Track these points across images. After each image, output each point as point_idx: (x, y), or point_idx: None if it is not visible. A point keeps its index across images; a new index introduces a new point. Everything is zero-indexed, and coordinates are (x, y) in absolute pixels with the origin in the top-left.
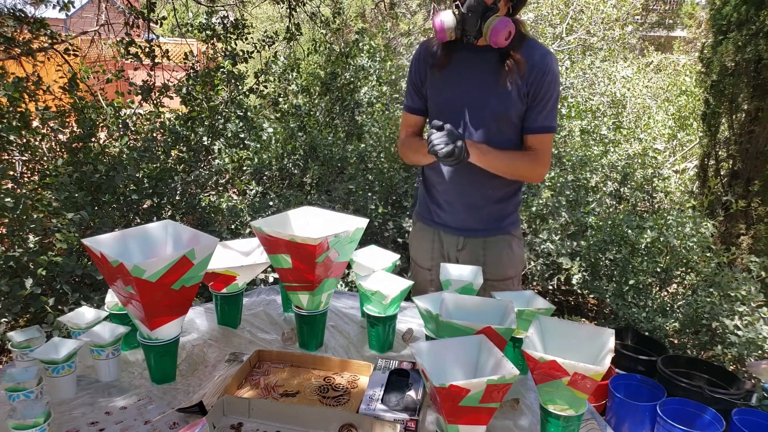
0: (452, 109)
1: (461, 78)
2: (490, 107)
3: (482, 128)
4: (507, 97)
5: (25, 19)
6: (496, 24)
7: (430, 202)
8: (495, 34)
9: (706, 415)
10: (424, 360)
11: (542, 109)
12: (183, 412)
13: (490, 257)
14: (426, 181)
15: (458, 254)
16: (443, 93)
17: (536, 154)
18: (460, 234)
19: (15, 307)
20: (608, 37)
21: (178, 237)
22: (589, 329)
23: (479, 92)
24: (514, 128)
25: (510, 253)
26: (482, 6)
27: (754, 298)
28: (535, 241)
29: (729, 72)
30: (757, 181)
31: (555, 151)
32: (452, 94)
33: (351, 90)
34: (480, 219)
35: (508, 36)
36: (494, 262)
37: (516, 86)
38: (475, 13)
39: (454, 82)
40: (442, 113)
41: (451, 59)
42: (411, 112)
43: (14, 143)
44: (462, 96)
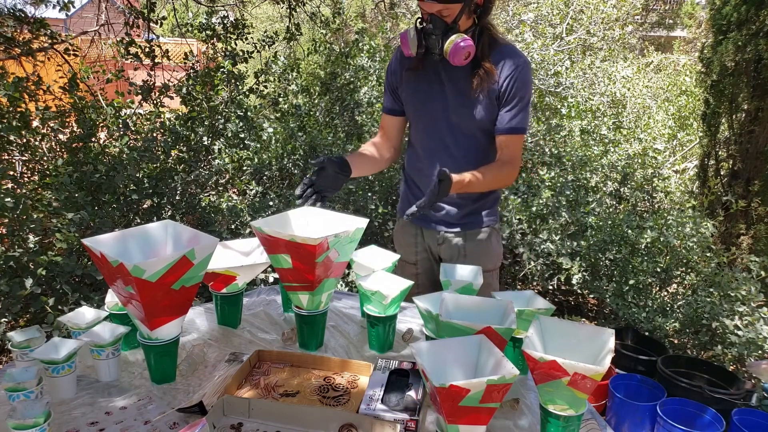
0: (426, 114)
1: (434, 84)
2: (462, 114)
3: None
4: (478, 105)
5: (25, 19)
6: (454, 46)
7: (411, 198)
8: (453, 55)
9: (706, 415)
10: (424, 360)
11: (510, 110)
12: (183, 412)
13: (470, 250)
14: (407, 178)
15: (439, 248)
16: (417, 97)
17: (508, 160)
18: (439, 229)
19: (15, 307)
20: (608, 37)
21: (178, 237)
22: (589, 329)
23: (451, 99)
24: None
25: (489, 247)
26: (443, 25)
27: (754, 298)
28: (535, 241)
29: (729, 72)
30: (757, 181)
31: (555, 150)
32: (426, 99)
33: (351, 90)
34: (459, 215)
35: (468, 56)
36: (474, 255)
37: (487, 94)
38: (436, 33)
39: (426, 88)
40: (418, 117)
41: (425, 64)
42: (388, 113)
43: (14, 143)
44: (435, 102)
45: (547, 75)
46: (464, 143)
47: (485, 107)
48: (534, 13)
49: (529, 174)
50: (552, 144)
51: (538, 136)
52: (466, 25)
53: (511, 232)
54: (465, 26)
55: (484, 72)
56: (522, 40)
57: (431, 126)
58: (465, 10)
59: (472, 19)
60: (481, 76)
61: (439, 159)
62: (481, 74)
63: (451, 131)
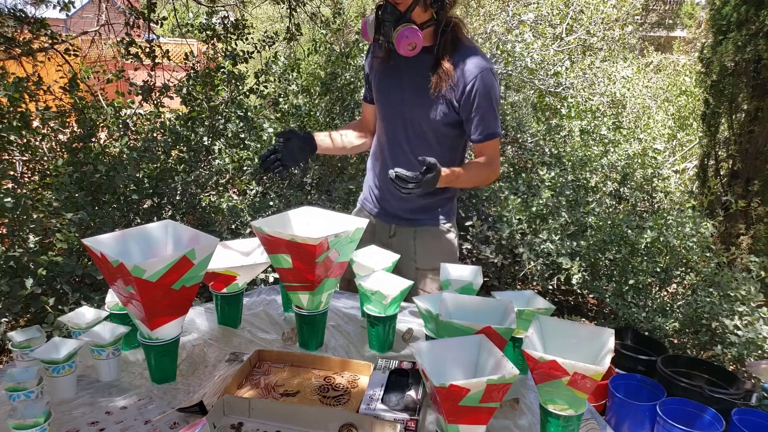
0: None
1: (395, 76)
2: (416, 111)
3: (407, 129)
4: (434, 105)
5: (25, 19)
6: (399, 35)
7: (368, 188)
8: (398, 44)
9: (706, 415)
10: (424, 360)
11: (478, 119)
12: (183, 412)
13: (420, 246)
14: (368, 169)
15: (390, 240)
16: (380, 86)
17: (487, 162)
18: (391, 221)
19: (15, 307)
20: (608, 37)
21: (178, 237)
22: (589, 329)
23: (408, 93)
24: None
25: (440, 244)
26: (396, 14)
27: (753, 298)
28: (535, 241)
29: (729, 72)
30: (756, 181)
31: (555, 150)
32: (386, 89)
33: (351, 90)
34: (410, 209)
35: (414, 47)
36: (424, 251)
37: (444, 95)
38: (388, 21)
39: (388, 79)
40: (379, 106)
41: (391, 55)
42: (365, 102)
43: (14, 143)
44: (393, 93)
45: (547, 75)
46: (415, 140)
47: (441, 109)
48: (534, 13)
49: (529, 174)
50: (552, 144)
51: (538, 136)
52: (422, 18)
53: (511, 232)
54: (422, 19)
55: (443, 72)
56: (522, 40)
57: (388, 117)
58: (420, 2)
59: (429, 13)
60: (440, 76)
61: (392, 151)
62: (440, 74)
63: (404, 126)
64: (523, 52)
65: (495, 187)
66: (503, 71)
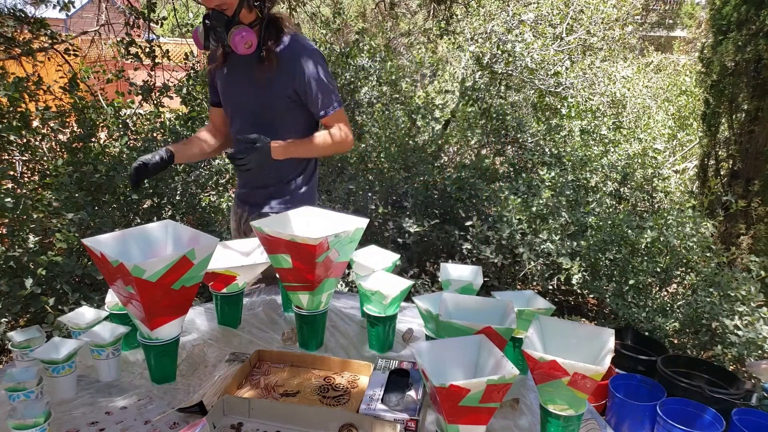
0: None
1: (233, 76)
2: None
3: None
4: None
5: (25, 19)
6: (234, 36)
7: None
8: (235, 45)
9: (706, 415)
10: (424, 360)
11: (318, 97)
12: (183, 412)
13: None
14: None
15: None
16: (223, 88)
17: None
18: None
19: (15, 307)
20: (608, 37)
21: (178, 237)
22: (589, 329)
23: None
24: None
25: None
26: (224, 18)
27: (754, 298)
28: (535, 241)
29: (729, 72)
30: (757, 181)
31: (555, 150)
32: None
33: (351, 90)
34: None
35: (250, 45)
36: None
37: (277, 81)
38: (219, 27)
39: (227, 79)
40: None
41: (228, 58)
42: (212, 105)
43: (14, 143)
44: (239, 91)
45: (547, 75)
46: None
47: (282, 97)
48: (534, 13)
49: (529, 174)
50: (552, 144)
51: (538, 136)
52: (249, 18)
53: (511, 232)
54: (249, 19)
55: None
56: (522, 40)
57: (237, 115)
58: (244, 4)
59: (255, 13)
60: (273, 66)
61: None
62: (273, 65)
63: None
64: (523, 52)
65: (495, 187)
66: (503, 71)
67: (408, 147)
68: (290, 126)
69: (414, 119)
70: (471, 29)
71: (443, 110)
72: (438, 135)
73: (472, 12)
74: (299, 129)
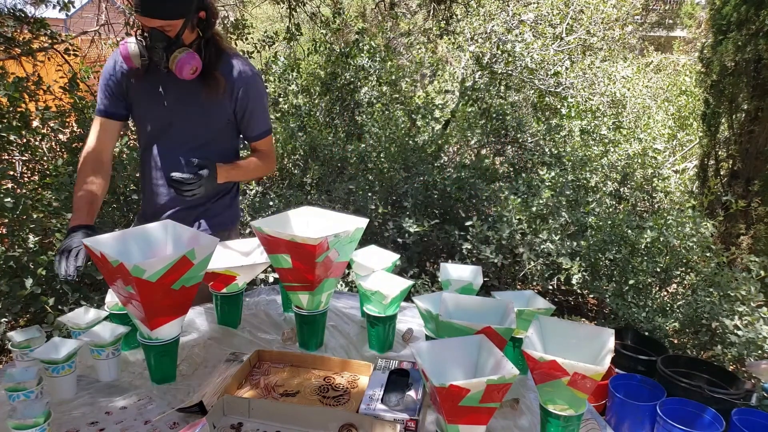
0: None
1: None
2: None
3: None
4: (210, 113)
5: (25, 19)
6: (180, 61)
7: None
8: (180, 70)
9: (706, 415)
10: (424, 360)
11: (253, 119)
12: (183, 412)
13: None
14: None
15: None
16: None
17: (265, 155)
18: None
19: (15, 307)
20: (608, 37)
21: (178, 237)
22: (589, 329)
23: (185, 108)
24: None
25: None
26: (166, 39)
27: (754, 298)
28: (535, 241)
29: (729, 72)
30: (757, 181)
31: (555, 150)
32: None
33: (351, 90)
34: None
35: (195, 71)
36: None
37: (219, 103)
38: (159, 47)
39: (159, 98)
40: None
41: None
42: (111, 117)
43: (14, 143)
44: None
45: (547, 75)
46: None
47: (216, 116)
48: (534, 13)
49: (529, 174)
50: (552, 144)
51: (538, 136)
52: (190, 39)
53: (511, 232)
54: (189, 39)
55: (214, 82)
56: (522, 40)
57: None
58: (188, 25)
59: (196, 33)
60: (212, 86)
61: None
62: (212, 84)
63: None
64: (523, 52)
65: (495, 187)
66: (503, 71)
67: (408, 147)
68: (223, 148)
69: (414, 119)
70: (471, 29)
71: (443, 110)
72: (438, 135)
73: (472, 12)
74: (230, 151)
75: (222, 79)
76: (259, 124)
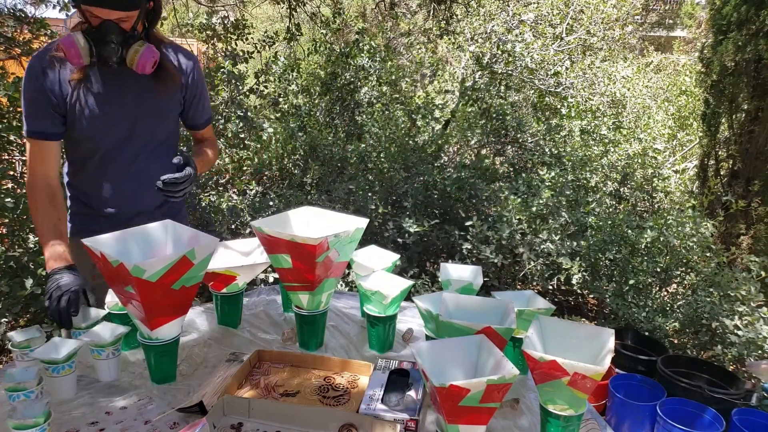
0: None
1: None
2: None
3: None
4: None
5: (25, 19)
6: (143, 55)
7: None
8: (143, 66)
9: (706, 415)
10: (424, 360)
11: (201, 105)
12: (183, 412)
13: None
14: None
15: None
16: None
17: (213, 143)
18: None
19: (15, 307)
20: (608, 37)
21: (178, 237)
22: (589, 329)
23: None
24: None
25: None
26: (122, 33)
27: (754, 298)
28: (535, 241)
29: (729, 72)
30: (757, 181)
31: (555, 150)
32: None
33: (351, 90)
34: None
35: (155, 64)
36: None
37: (172, 96)
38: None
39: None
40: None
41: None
42: (49, 139)
43: (14, 143)
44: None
45: (547, 75)
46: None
47: (172, 108)
48: (534, 13)
49: (529, 174)
50: (552, 144)
51: (538, 136)
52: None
53: (511, 232)
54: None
55: (169, 76)
56: (522, 40)
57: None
58: (140, 18)
59: (142, 24)
60: (167, 80)
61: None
62: (166, 78)
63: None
64: (523, 52)
65: (495, 187)
66: (503, 71)
67: (408, 147)
68: (175, 141)
69: (414, 119)
70: (471, 29)
71: (443, 110)
72: (438, 135)
73: (472, 12)
74: (177, 144)
75: (175, 72)
76: (206, 110)
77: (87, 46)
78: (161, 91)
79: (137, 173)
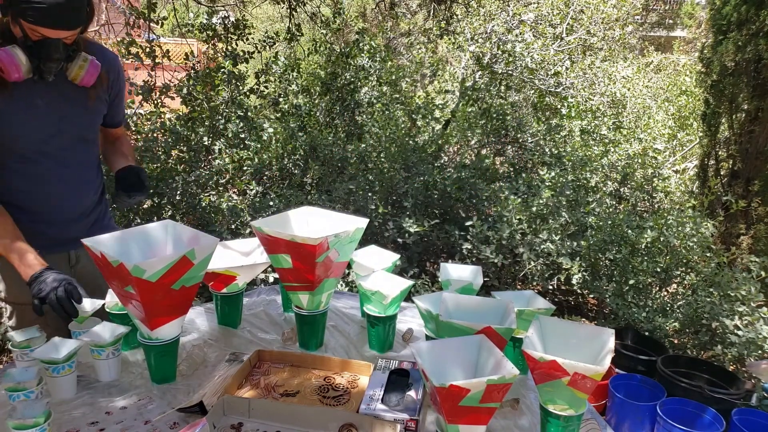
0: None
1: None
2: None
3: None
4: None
5: None
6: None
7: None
8: (89, 79)
9: (706, 415)
10: (424, 360)
11: (121, 100)
12: (183, 412)
13: None
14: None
15: (72, 269)
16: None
17: (128, 141)
18: (70, 248)
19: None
20: (608, 37)
21: (178, 237)
22: (589, 329)
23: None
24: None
25: None
26: (66, 48)
27: (754, 298)
28: (535, 241)
29: (729, 72)
30: (757, 181)
31: (555, 150)
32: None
33: (351, 90)
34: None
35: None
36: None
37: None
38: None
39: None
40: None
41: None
42: None
43: None
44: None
45: (547, 75)
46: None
47: (99, 111)
48: (534, 13)
49: (529, 174)
50: (552, 144)
51: (538, 136)
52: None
53: (511, 232)
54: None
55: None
56: (522, 40)
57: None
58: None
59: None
60: (97, 85)
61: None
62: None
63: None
64: (524, 52)
65: (495, 187)
66: (503, 71)
67: (408, 147)
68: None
69: (414, 119)
70: (471, 29)
71: (443, 110)
72: (438, 135)
73: (472, 12)
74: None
75: (104, 75)
76: (123, 107)
77: (28, 63)
78: (93, 96)
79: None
